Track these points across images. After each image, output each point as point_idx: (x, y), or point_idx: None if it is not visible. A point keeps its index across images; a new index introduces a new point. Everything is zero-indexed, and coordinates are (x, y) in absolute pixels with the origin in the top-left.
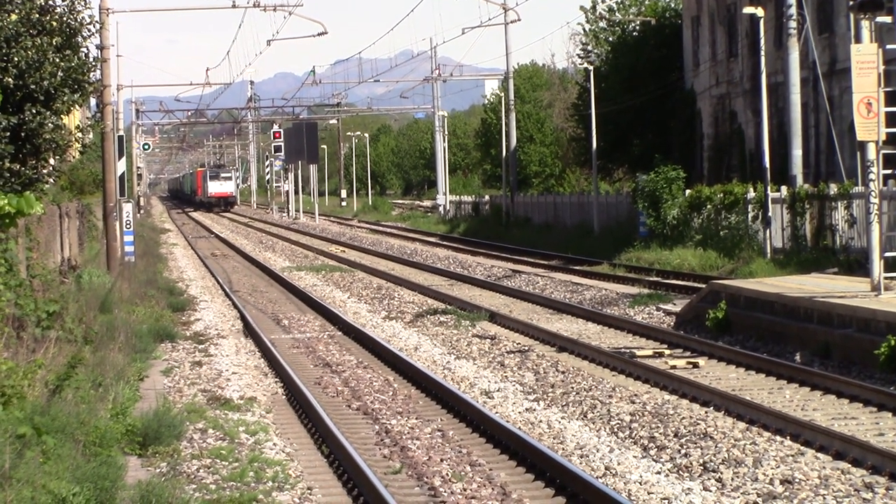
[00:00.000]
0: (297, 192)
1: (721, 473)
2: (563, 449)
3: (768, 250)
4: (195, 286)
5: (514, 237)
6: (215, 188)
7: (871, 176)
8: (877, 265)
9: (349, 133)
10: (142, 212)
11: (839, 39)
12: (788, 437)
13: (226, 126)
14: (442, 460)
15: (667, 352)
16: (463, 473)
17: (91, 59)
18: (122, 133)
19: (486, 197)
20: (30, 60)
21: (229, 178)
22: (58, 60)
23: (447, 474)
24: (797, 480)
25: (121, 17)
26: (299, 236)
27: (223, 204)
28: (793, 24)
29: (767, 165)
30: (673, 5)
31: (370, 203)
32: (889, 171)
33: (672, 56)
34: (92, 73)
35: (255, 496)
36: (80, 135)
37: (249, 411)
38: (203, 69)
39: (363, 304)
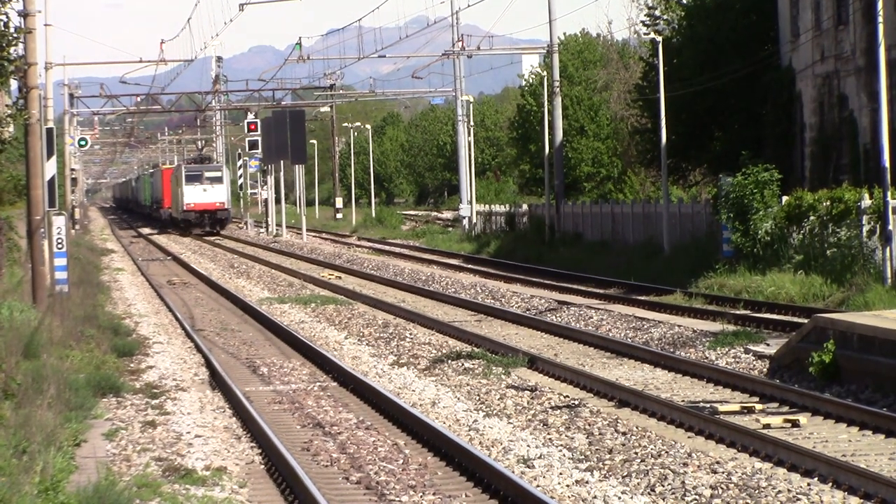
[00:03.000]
0: (278, 202)
1: None
2: None
3: (888, 274)
4: (147, 324)
5: (561, 258)
6: (195, 196)
7: None
8: None
9: (346, 124)
10: (77, 227)
11: None
12: None
13: (185, 116)
14: None
15: (758, 406)
16: None
17: (11, 30)
18: (51, 125)
19: (524, 206)
20: None
21: (219, 180)
22: None
23: None
24: None
25: None
26: (282, 258)
27: (209, 221)
28: None
29: (887, 165)
30: None
31: (374, 215)
32: None
33: (764, 24)
34: (13, 48)
35: None
36: None
37: (218, 485)
38: (157, 42)
39: (365, 347)
